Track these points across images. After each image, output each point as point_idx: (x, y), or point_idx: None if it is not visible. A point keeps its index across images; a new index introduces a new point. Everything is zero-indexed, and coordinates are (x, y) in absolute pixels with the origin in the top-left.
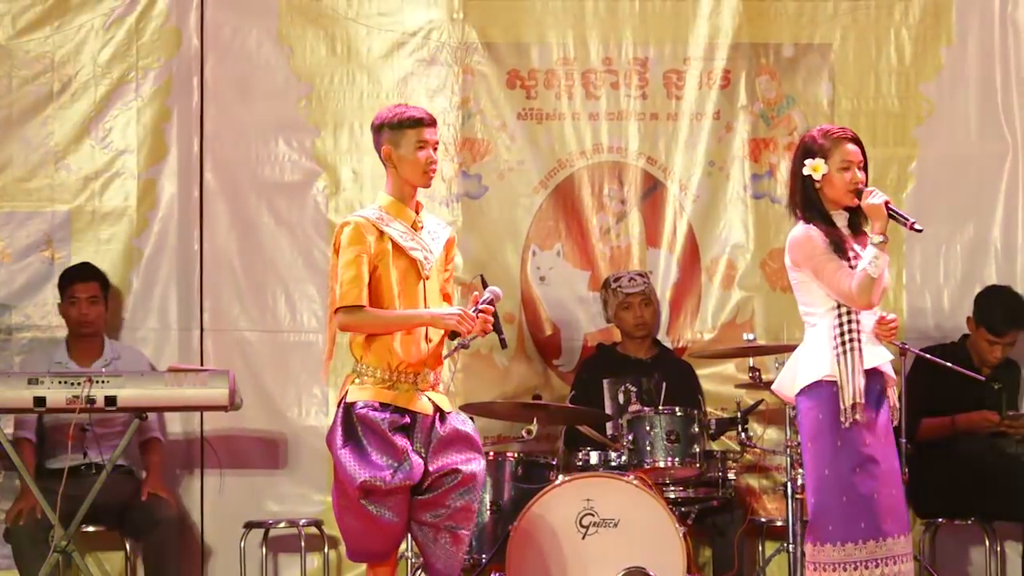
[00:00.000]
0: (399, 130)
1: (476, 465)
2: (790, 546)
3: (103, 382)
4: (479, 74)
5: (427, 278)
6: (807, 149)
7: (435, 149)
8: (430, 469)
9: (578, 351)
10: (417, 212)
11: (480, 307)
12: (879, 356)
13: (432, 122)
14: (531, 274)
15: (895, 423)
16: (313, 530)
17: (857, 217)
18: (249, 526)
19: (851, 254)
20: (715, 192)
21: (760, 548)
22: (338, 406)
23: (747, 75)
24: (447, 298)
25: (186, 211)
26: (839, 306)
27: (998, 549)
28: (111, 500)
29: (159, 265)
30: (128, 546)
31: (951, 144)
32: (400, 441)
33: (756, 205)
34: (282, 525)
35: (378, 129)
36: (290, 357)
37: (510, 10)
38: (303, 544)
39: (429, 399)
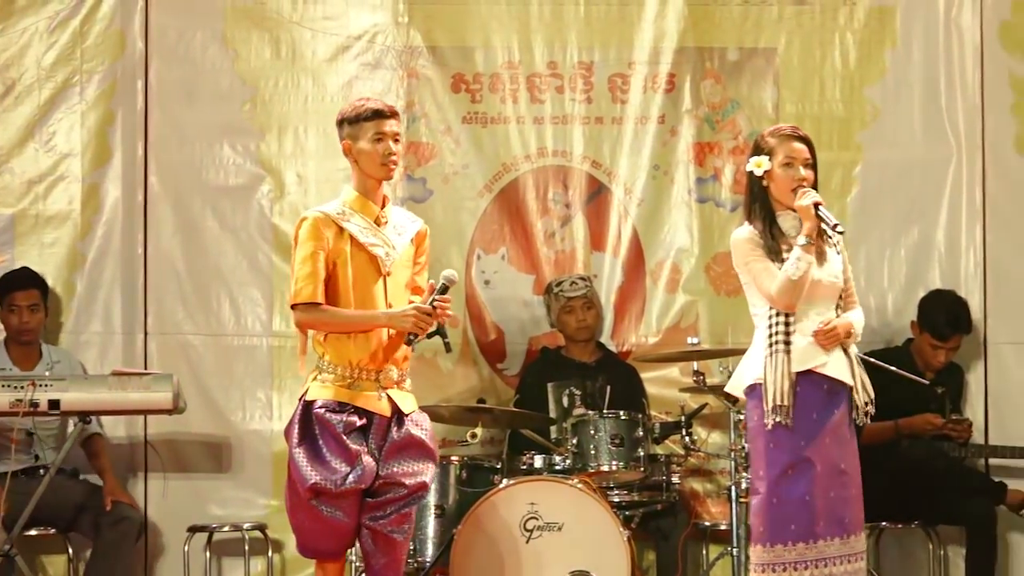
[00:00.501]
0: (357, 123)
1: (425, 476)
2: (734, 550)
3: (46, 385)
4: (424, 78)
5: (388, 274)
6: (756, 147)
7: (396, 141)
8: (380, 474)
9: (523, 355)
10: (383, 206)
11: (436, 297)
12: (813, 359)
13: (392, 114)
14: (476, 278)
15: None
16: (257, 534)
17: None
18: (193, 530)
19: (785, 256)
20: (660, 196)
21: (704, 552)
22: (299, 401)
23: (692, 79)
24: (417, 291)
25: (130, 215)
26: (771, 307)
27: (941, 553)
28: (60, 502)
29: (103, 269)
30: (71, 549)
31: (896, 148)
32: (354, 444)
33: (701, 209)
34: (226, 529)
35: (339, 124)
36: (234, 361)
37: (455, 14)
38: (247, 548)
39: (390, 398)
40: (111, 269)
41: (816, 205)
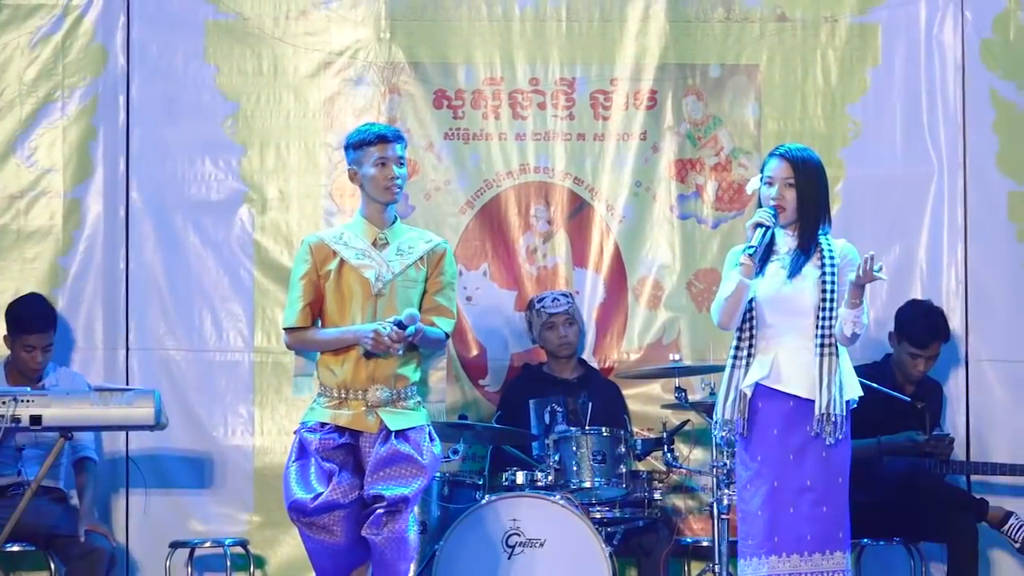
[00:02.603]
0: (361, 148)
1: (407, 489)
2: (716, 566)
3: (28, 401)
4: (406, 94)
5: (380, 295)
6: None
7: (400, 165)
8: (366, 490)
9: (504, 371)
10: (390, 227)
11: (393, 328)
12: (759, 373)
13: (395, 138)
14: (457, 293)
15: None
16: (239, 550)
17: (804, 236)
18: (175, 546)
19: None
20: (642, 213)
21: (686, 568)
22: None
23: (674, 96)
24: (440, 311)
25: (112, 230)
26: (748, 320)
27: (923, 570)
28: (39, 522)
29: (84, 284)
30: (53, 566)
31: (877, 165)
32: (329, 462)
33: (682, 226)
34: (207, 545)
35: (345, 149)
36: (216, 376)
37: (437, 30)
38: (228, 563)
39: (378, 416)
40: (93, 284)
41: (756, 225)
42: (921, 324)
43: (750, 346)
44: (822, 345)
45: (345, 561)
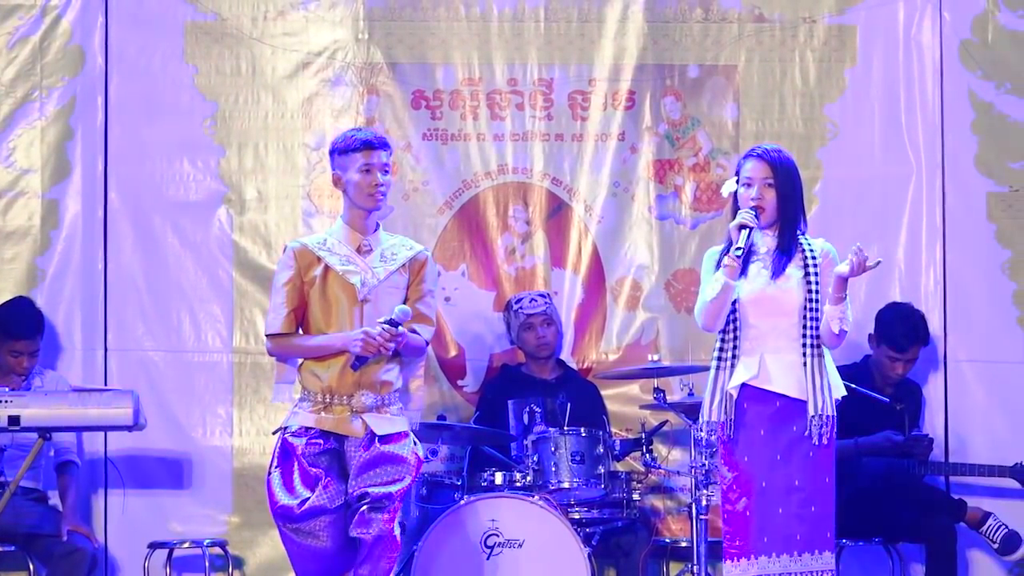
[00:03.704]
0: (346, 154)
1: (391, 488)
2: (695, 567)
3: (6, 402)
4: (384, 94)
5: (366, 301)
6: (735, 168)
7: (384, 172)
8: (351, 493)
9: (483, 371)
10: (373, 233)
11: (384, 327)
12: (746, 374)
13: (380, 145)
14: (437, 296)
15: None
16: (217, 550)
17: (785, 236)
18: (153, 546)
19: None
20: (620, 213)
21: (665, 569)
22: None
23: (652, 96)
24: (421, 319)
25: (90, 231)
26: (732, 321)
27: (902, 570)
28: (18, 522)
29: (63, 285)
30: (32, 567)
31: (855, 166)
32: (316, 467)
33: (661, 226)
34: (186, 545)
35: (330, 154)
36: (195, 377)
37: (415, 31)
38: (207, 564)
39: (364, 421)
40: (71, 285)
41: (740, 227)
42: (900, 328)
43: (734, 347)
44: (812, 346)
45: (331, 567)
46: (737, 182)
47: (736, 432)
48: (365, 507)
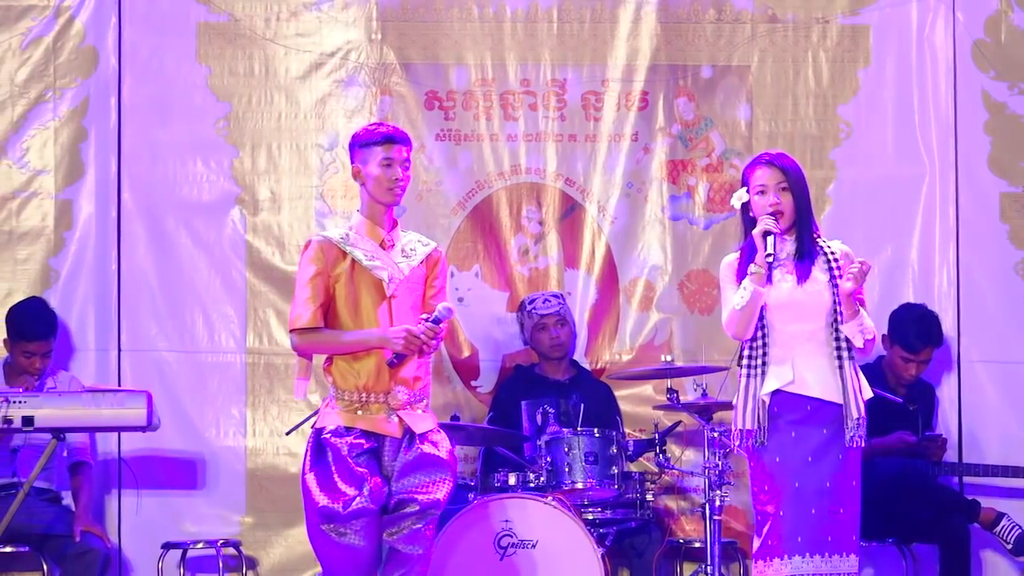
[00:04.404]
0: (367, 147)
1: (438, 493)
2: (708, 567)
3: (20, 402)
4: (397, 95)
5: (393, 297)
6: (742, 178)
7: (405, 167)
8: (393, 493)
9: (496, 372)
10: (393, 229)
11: (428, 325)
12: (781, 379)
13: (402, 140)
14: (449, 295)
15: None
16: (231, 551)
17: (804, 239)
18: (167, 547)
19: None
20: (633, 214)
21: (678, 570)
22: (312, 429)
23: (665, 97)
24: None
25: (103, 231)
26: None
27: (915, 571)
28: (32, 523)
29: (76, 286)
30: (45, 567)
31: (869, 166)
32: (360, 467)
33: (674, 227)
34: (200, 546)
35: (350, 147)
36: (208, 377)
37: (428, 31)
38: (221, 565)
39: (400, 419)
40: (84, 286)
41: (764, 232)
42: (914, 329)
43: (763, 354)
44: (844, 347)
45: (365, 568)
46: (747, 192)
47: (768, 436)
48: (413, 518)
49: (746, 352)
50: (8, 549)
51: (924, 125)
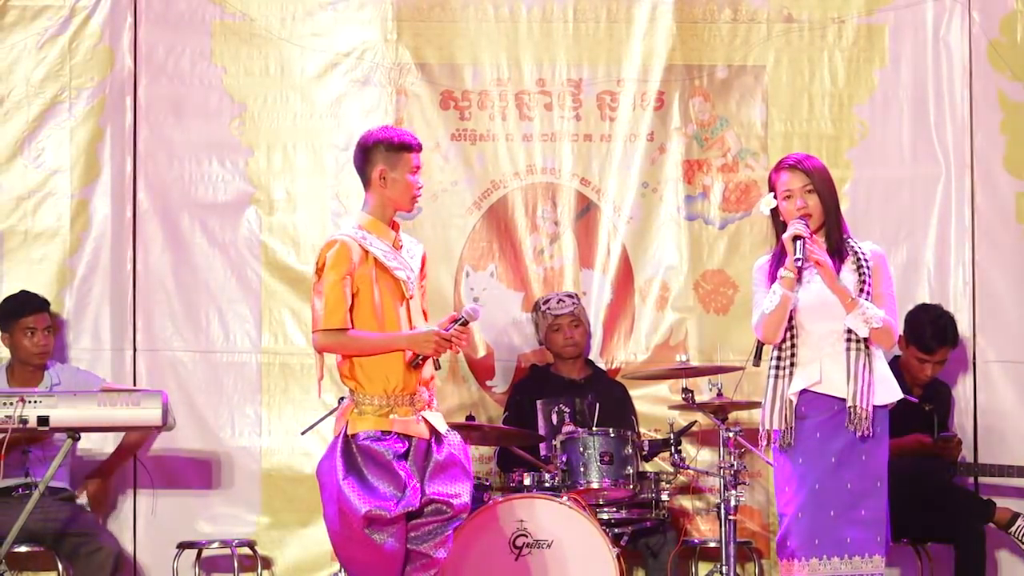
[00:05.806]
0: (397, 152)
1: (466, 496)
2: (724, 567)
3: (36, 402)
4: (413, 95)
5: (411, 297)
6: (768, 184)
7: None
8: (425, 495)
9: (511, 372)
10: (396, 231)
11: (456, 327)
12: (807, 379)
13: (421, 147)
14: (464, 295)
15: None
16: (246, 551)
17: (833, 239)
18: (182, 546)
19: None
20: (649, 213)
21: (693, 569)
22: (336, 438)
23: (681, 97)
24: (423, 315)
25: (119, 231)
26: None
27: (930, 571)
28: (47, 522)
29: (92, 285)
30: (60, 566)
31: (884, 166)
32: (402, 470)
33: (689, 227)
34: (215, 545)
35: (371, 148)
36: (223, 377)
37: (444, 31)
38: (236, 564)
39: (426, 421)
40: (100, 285)
41: (795, 238)
42: (929, 330)
43: (792, 355)
44: (854, 340)
45: (396, 570)
46: (774, 197)
47: (795, 437)
48: (445, 522)
49: (775, 353)
50: (24, 549)
51: (940, 125)
